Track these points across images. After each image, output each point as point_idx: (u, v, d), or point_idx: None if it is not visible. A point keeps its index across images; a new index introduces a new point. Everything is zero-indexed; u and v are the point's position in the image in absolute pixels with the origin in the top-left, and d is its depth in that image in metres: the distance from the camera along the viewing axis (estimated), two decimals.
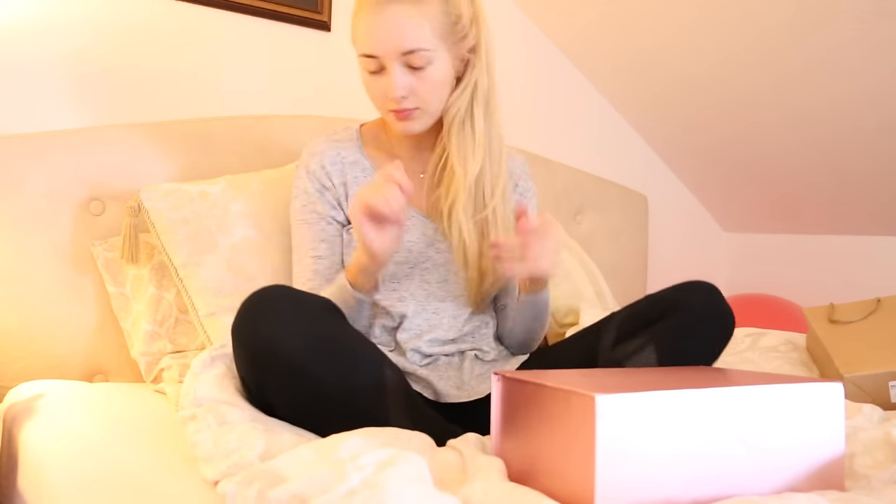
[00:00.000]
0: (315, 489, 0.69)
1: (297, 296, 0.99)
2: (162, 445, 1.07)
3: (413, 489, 0.67)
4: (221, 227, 1.41)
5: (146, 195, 1.41)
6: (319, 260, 1.27)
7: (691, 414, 0.76)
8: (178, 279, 1.37)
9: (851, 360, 1.32)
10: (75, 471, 1.02)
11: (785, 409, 0.82)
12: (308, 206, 1.29)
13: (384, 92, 1.19)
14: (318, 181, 1.29)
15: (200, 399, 0.96)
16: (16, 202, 1.44)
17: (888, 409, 1.21)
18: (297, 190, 1.31)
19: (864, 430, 0.98)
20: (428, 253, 1.29)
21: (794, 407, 0.83)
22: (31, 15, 1.59)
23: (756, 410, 0.80)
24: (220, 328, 1.33)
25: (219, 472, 0.84)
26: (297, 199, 1.31)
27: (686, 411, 0.76)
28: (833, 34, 1.89)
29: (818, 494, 0.76)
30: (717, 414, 0.78)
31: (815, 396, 0.84)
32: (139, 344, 1.43)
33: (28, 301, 1.44)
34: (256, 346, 0.94)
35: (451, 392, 1.20)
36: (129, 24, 1.70)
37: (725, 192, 2.69)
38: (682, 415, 0.76)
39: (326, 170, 1.29)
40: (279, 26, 1.90)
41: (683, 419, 0.76)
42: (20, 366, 1.43)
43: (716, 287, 1.16)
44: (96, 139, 1.54)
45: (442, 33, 1.17)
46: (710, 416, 0.77)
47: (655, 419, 0.74)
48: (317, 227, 1.29)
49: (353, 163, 1.31)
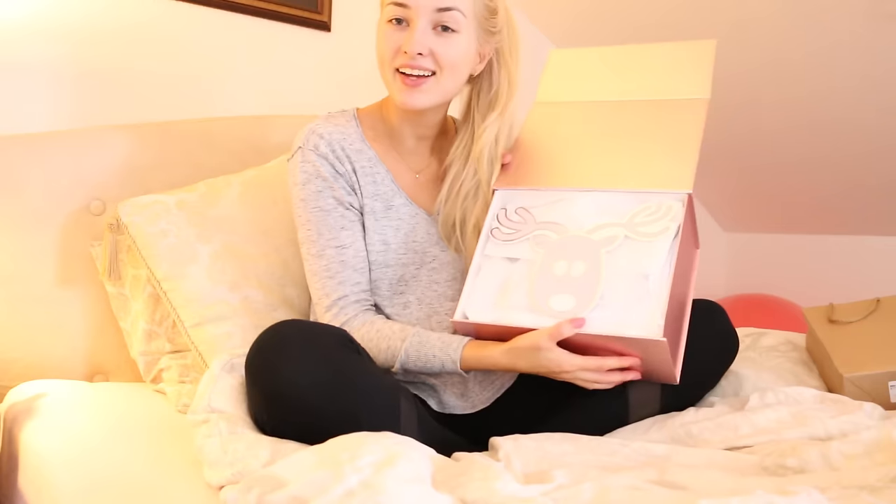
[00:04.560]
0: (313, 491, 0.69)
1: (310, 333, 0.97)
2: (163, 446, 1.08)
3: (411, 489, 0.67)
4: (201, 235, 1.38)
5: (124, 210, 1.39)
6: (344, 250, 1.17)
7: None
8: (161, 292, 1.35)
9: (851, 360, 1.32)
10: (77, 472, 1.03)
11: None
12: (325, 192, 1.18)
13: (399, 45, 1.12)
14: (330, 164, 1.18)
15: (214, 408, 0.96)
16: (16, 202, 1.44)
17: (888, 409, 1.21)
18: (305, 175, 1.18)
19: (866, 430, 0.98)
20: (434, 252, 1.24)
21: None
22: (32, 15, 1.59)
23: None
24: (207, 338, 1.31)
25: (223, 478, 0.84)
26: (308, 184, 1.18)
27: None
28: (833, 34, 1.89)
29: (818, 492, 0.76)
30: None
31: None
32: (138, 344, 1.43)
33: (28, 301, 1.44)
34: (271, 387, 0.93)
35: (455, 403, 1.19)
36: (130, 25, 1.70)
37: (725, 193, 2.69)
38: None
39: (337, 153, 1.19)
40: (279, 26, 1.90)
41: None
42: (20, 366, 1.43)
43: (720, 307, 1.17)
44: (96, 139, 1.53)
45: (477, 15, 1.15)
46: None
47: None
48: (336, 214, 1.18)
49: (358, 151, 1.22)
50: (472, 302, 1.09)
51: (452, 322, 1.10)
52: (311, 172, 1.18)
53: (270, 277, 1.38)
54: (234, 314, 1.32)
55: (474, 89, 1.24)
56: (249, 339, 1.27)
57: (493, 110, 1.21)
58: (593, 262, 1.05)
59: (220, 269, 1.36)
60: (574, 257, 1.06)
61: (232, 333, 1.30)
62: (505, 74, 1.21)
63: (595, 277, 1.03)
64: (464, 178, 1.22)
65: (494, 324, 1.06)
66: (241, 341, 1.28)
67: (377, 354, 1.12)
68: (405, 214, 1.23)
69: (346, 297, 1.16)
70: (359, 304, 1.17)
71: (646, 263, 1.03)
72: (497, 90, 1.21)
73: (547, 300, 1.04)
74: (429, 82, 1.14)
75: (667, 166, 1.13)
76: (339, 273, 1.16)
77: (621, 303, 1.01)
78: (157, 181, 1.53)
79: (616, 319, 1.00)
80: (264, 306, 1.35)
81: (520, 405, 1.19)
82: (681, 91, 1.22)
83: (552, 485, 0.79)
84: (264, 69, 1.89)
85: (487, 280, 1.10)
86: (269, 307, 1.36)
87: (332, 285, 1.16)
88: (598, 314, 1.01)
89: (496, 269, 1.11)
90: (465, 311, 1.09)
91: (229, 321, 1.31)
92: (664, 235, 1.05)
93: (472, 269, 1.11)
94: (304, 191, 1.19)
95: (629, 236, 1.06)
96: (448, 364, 1.08)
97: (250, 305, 1.34)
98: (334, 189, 1.18)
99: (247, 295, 1.35)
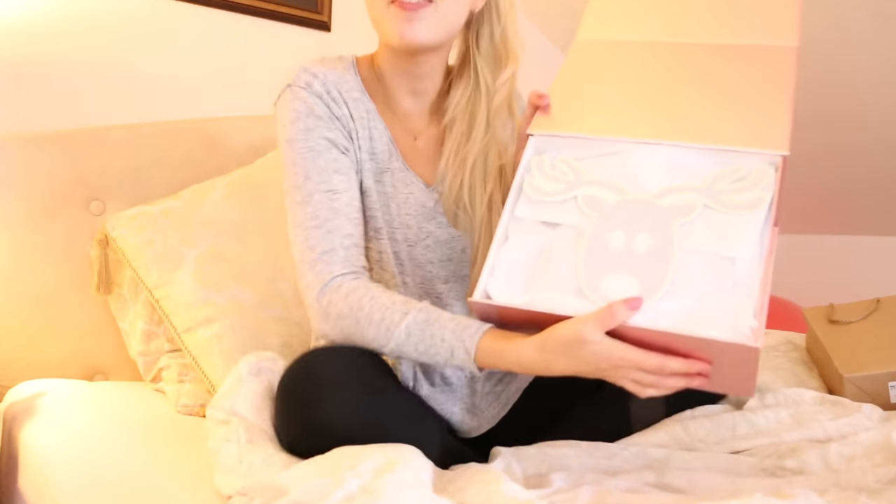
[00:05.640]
0: (314, 496, 0.69)
1: (348, 362, 0.89)
2: (163, 446, 1.08)
3: (411, 494, 0.67)
4: (186, 240, 1.39)
5: (111, 225, 1.40)
6: (336, 195, 0.99)
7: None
8: (154, 301, 1.36)
9: (851, 361, 1.32)
10: (77, 471, 1.03)
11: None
12: (316, 131, 1.01)
13: None
14: (324, 104, 1.02)
15: (236, 412, 0.93)
16: (16, 202, 1.44)
17: (888, 409, 1.21)
18: (294, 113, 1.02)
19: (865, 431, 0.98)
20: (428, 228, 1.09)
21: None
22: (32, 15, 1.59)
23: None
24: (198, 342, 1.32)
25: (234, 488, 0.84)
26: (297, 122, 1.01)
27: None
28: (832, 34, 1.88)
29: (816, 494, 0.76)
30: None
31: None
32: (136, 344, 1.43)
33: (28, 301, 1.44)
34: (310, 420, 0.86)
35: (462, 420, 1.10)
36: (129, 24, 1.70)
37: None
38: None
39: (332, 95, 1.03)
40: (279, 26, 1.90)
41: None
42: (20, 366, 1.43)
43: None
44: (96, 139, 1.53)
45: None
46: None
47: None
48: (328, 156, 1.00)
49: (356, 100, 1.06)
50: (496, 278, 0.85)
51: (469, 302, 0.85)
52: (302, 110, 1.01)
53: (260, 274, 1.39)
54: (222, 315, 1.32)
55: (471, 31, 1.08)
56: (240, 339, 1.30)
57: (507, 60, 1.06)
58: (663, 235, 0.81)
59: (206, 272, 1.36)
60: (636, 228, 0.82)
61: (222, 335, 1.31)
62: (507, 11, 1.06)
63: (665, 256, 0.80)
64: (472, 140, 1.07)
65: (526, 308, 0.82)
66: (232, 343, 1.29)
67: (365, 327, 0.91)
68: (399, 182, 1.08)
69: (334, 251, 0.97)
70: (348, 263, 0.98)
71: (733, 243, 0.80)
72: (504, 32, 1.06)
73: (599, 281, 0.80)
74: (427, 10, 0.98)
75: (754, 121, 0.88)
76: (329, 221, 0.98)
77: (698, 292, 0.79)
78: (156, 181, 1.53)
79: (691, 313, 0.78)
80: (253, 304, 1.36)
81: (521, 421, 1.12)
82: (763, 35, 0.98)
83: (551, 489, 0.79)
84: (264, 69, 1.89)
85: (518, 250, 0.86)
86: (259, 305, 1.36)
87: (319, 235, 0.97)
88: (666, 304, 0.78)
89: (530, 236, 0.87)
90: (488, 289, 0.85)
91: (218, 322, 1.32)
92: (757, 209, 0.82)
93: (497, 236, 0.87)
94: (292, 129, 1.01)
95: (710, 206, 0.82)
96: (459, 353, 0.86)
97: (238, 305, 1.35)
98: (329, 129, 1.01)
99: (234, 295, 1.35)
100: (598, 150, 0.89)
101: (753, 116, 0.88)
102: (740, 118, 0.88)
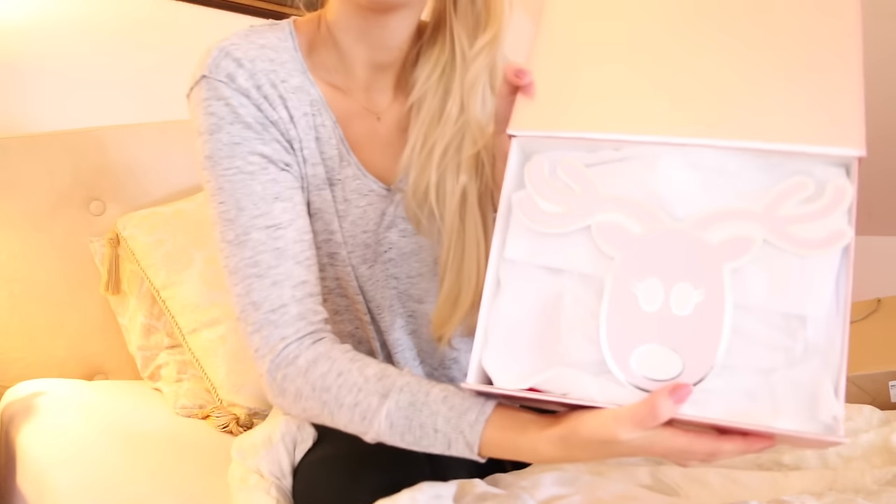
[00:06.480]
0: None
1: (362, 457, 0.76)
2: (160, 449, 1.08)
3: None
4: (197, 241, 1.40)
5: (122, 224, 1.41)
6: (278, 232, 0.77)
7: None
8: (161, 301, 1.36)
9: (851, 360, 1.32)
10: (76, 471, 1.03)
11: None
12: (244, 145, 0.78)
13: None
14: (254, 105, 0.79)
15: (260, 472, 0.86)
16: (16, 202, 1.44)
17: (888, 409, 1.21)
18: (213, 119, 0.78)
19: (864, 434, 0.98)
20: (390, 238, 0.89)
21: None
22: (32, 15, 1.59)
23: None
24: (202, 344, 1.32)
25: None
26: (217, 134, 0.78)
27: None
28: None
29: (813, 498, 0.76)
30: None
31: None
32: (136, 338, 1.43)
33: (28, 301, 1.44)
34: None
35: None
36: (129, 24, 1.70)
37: None
38: None
39: (264, 90, 0.80)
40: None
41: None
42: (20, 365, 1.43)
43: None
44: (96, 139, 1.54)
45: None
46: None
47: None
48: (263, 178, 0.77)
49: (297, 89, 0.83)
50: (492, 352, 0.62)
51: (465, 388, 0.63)
52: (225, 116, 0.78)
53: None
54: (227, 317, 1.33)
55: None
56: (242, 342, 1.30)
57: (488, 21, 0.83)
58: (712, 286, 0.57)
59: (214, 274, 1.36)
60: (675, 275, 0.57)
61: (225, 337, 1.31)
62: None
63: (715, 317, 0.56)
64: (443, 122, 0.85)
65: (536, 397, 0.61)
66: (235, 345, 1.29)
67: (335, 411, 0.71)
68: (353, 192, 0.87)
69: (284, 307, 0.76)
70: (303, 322, 0.76)
71: (803, 296, 0.56)
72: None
73: (628, 355, 0.58)
74: None
75: (815, 107, 0.64)
76: (273, 269, 0.76)
77: (759, 367, 0.57)
78: (156, 181, 1.54)
79: (753, 395, 0.56)
80: None
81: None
82: None
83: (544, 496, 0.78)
84: None
85: (514, 305, 0.62)
86: None
87: (263, 288, 0.75)
88: (718, 383, 0.57)
89: (530, 285, 0.62)
90: (485, 366, 0.62)
91: (223, 324, 1.32)
92: (835, 245, 0.57)
93: (487, 284, 0.63)
94: (212, 142, 0.78)
95: (771, 241, 0.57)
96: (458, 445, 0.66)
97: None
98: (263, 140, 0.79)
99: None
100: (606, 156, 0.62)
101: (813, 101, 0.63)
102: (797, 103, 0.62)
